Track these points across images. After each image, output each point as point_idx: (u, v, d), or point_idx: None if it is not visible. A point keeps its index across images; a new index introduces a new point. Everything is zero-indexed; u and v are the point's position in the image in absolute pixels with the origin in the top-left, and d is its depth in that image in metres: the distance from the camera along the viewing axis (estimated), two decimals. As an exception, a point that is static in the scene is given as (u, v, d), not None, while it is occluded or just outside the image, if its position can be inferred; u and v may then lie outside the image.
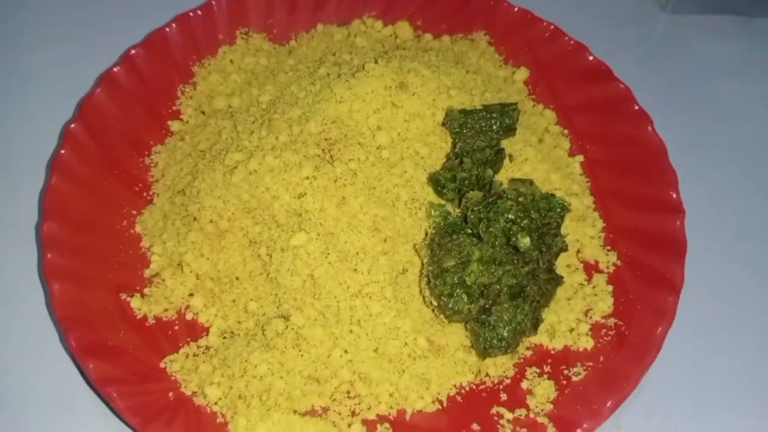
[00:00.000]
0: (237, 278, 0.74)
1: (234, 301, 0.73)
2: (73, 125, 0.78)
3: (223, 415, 0.66)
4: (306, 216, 0.71)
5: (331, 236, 0.70)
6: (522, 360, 0.72)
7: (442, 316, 0.70)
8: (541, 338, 0.73)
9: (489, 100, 0.81)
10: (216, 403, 0.67)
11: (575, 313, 0.74)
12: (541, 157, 0.81)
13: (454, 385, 0.71)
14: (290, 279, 0.70)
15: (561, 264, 0.77)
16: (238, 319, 0.73)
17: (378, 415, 0.68)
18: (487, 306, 0.68)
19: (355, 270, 0.70)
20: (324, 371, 0.69)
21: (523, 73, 0.91)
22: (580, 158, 0.85)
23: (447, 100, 0.78)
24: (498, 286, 0.68)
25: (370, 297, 0.70)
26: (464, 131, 0.77)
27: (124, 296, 0.72)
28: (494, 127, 0.77)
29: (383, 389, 0.69)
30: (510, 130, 0.79)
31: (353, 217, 0.71)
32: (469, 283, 0.68)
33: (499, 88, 0.88)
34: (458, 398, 0.70)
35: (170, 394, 0.67)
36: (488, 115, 0.77)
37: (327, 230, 0.71)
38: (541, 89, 0.91)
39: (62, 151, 0.76)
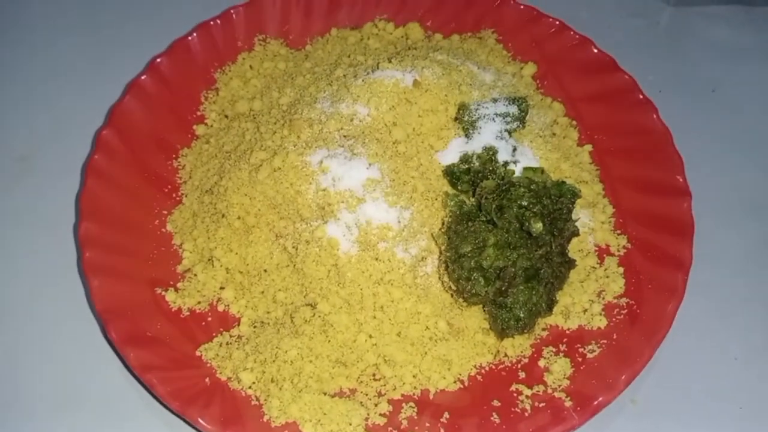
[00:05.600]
0: (265, 271, 0.77)
1: (263, 292, 0.77)
2: (104, 131, 0.83)
3: (257, 398, 0.70)
4: (329, 209, 0.74)
5: (352, 227, 0.74)
6: (538, 340, 0.76)
7: (460, 299, 0.73)
8: (556, 319, 0.76)
9: (499, 95, 0.84)
10: (250, 387, 0.70)
11: (588, 294, 0.77)
12: (551, 147, 0.84)
13: (475, 366, 0.74)
14: (315, 269, 0.74)
15: (573, 249, 0.79)
16: (268, 309, 0.76)
17: (403, 395, 0.72)
18: (503, 288, 0.71)
19: (377, 259, 0.73)
20: (350, 355, 0.73)
21: (531, 68, 0.94)
22: (588, 147, 0.88)
23: (459, 95, 0.81)
24: (513, 269, 0.71)
25: (391, 284, 0.73)
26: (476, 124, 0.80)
27: (159, 290, 0.76)
28: (505, 119, 0.80)
29: (407, 371, 0.73)
30: (520, 122, 0.82)
31: (373, 209, 0.74)
32: (485, 267, 0.71)
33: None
34: (479, 377, 0.73)
35: (206, 379, 0.71)
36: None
37: (349, 222, 0.74)
38: (548, 83, 0.94)
39: (95, 156, 0.81)
